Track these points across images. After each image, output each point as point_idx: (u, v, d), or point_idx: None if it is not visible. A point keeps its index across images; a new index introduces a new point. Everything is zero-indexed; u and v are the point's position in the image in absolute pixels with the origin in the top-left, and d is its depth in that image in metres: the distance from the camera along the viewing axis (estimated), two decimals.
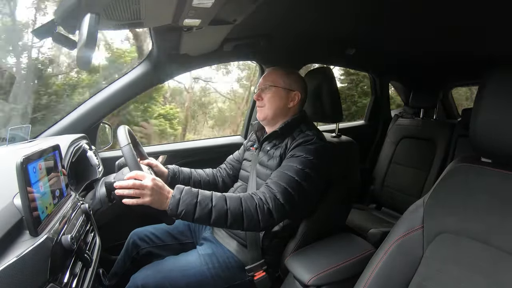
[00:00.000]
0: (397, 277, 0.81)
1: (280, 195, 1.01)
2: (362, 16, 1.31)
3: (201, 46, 1.47)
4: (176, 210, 0.94)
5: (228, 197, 1.00)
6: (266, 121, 1.25)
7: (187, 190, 0.97)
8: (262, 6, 0.97)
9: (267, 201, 1.00)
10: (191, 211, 0.95)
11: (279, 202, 1.01)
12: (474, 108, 0.76)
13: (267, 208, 1.00)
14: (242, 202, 0.99)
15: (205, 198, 0.97)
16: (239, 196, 1.01)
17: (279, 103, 1.21)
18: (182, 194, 0.96)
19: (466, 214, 0.75)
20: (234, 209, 0.97)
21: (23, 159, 0.61)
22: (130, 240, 1.33)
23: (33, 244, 0.60)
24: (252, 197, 1.01)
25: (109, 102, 1.49)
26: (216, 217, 0.96)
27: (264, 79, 1.25)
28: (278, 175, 1.06)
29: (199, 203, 0.95)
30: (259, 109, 1.25)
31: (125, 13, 0.86)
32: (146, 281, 1.08)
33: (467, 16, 1.20)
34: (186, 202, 0.95)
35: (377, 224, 2.04)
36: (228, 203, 0.98)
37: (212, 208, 0.96)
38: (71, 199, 0.89)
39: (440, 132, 2.21)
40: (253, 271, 1.16)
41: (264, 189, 1.04)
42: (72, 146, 1.16)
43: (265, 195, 1.02)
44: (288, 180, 1.04)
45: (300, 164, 1.06)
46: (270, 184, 1.05)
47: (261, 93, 1.24)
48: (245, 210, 0.98)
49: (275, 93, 1.21)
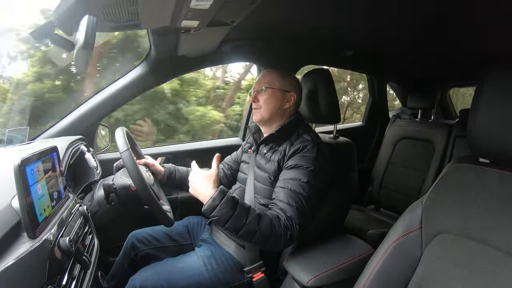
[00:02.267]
0: (396, 277, 0.82)
1: (298, 219, 1.03)
2: (360, 18, 1.31)
3: (199, 47, 1.47)
4: (210, 212, 0.97)
5: (262, 217, 1.00)
6: (262, 122, 1.25)
7: (229, 199, 0.98)
8: (260, 8, 0.98)
9: (289, 227, 1.02)
10: (223, 220, 0.97)
11: (297, 226, 1.03)
12: (472, 109, 0.77)
13: (289, 234, 1.01)
14: (272, 227, 1.00)
15: (241, 213, 0.98)
16: (270, 219, 1.01)
17: (275, 105, 1.21)
18: (222, 201, 0.97)
19: (464, 214, 0.75)
20: (263, 231, 0.98)
21: (21, 161, 0.61)
22: (128, 242, 1.32)
23: (31, 246, 0.59)
24: (279, 221, 1.02)
25: (106, 104, 1.49)
26: (244, 233, 0.98)
27: (259, 81, 1.25)
28: (288, 195, 1.06)
29: (235, 216, 0.97)
30: (255, 111, 1.24)
31: (123, 15, 0.86)
32: (145, 283, 1.07)
33: (465, 17, 1.20)
34: (223, 211, 0.96)
35: (375, 225, 2.04)
36: (260, 224, 0.98)
37: (244, 225, 0.97)
38: (69, 201, 0.88)
39: (438, 133, 2.22)
40: (251, 272, 1.16)
41: (282, 214, 1.03)
42: (70, 148, 1.16)
43: (287, 221, 1.02)
44: (299, 199, 1.05)
45: (305, 177, 1.08)
46: (285, 208, 1.04)
47: (257, 95, 1.23)
48: (272, 234, 0.99)
49: (271, 95, 1.21)
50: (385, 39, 1.68)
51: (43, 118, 2.31)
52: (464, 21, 1.26)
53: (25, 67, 2.71)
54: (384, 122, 2.66)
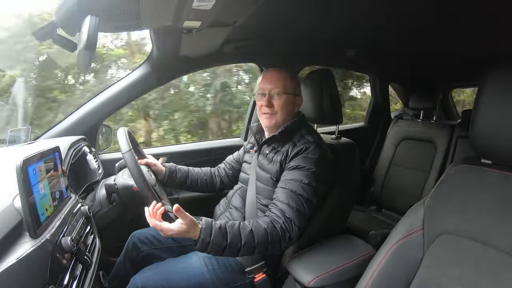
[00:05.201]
0: (397, 278, 0.81)
1: (297, 220, 1.03)
2: (362, 17, 1.31)
3: (201, 47, 1.47)
4: (205, 250, 0.95)
5: (255, 231, 0.99)
6: (275, 128, 1.20)
7: (217, 232, 0.95)
8: (262, 8, 0.98)
9: (287, 229, 1.02)
10: (219, 252, 0.97)
11: (297, 228, 1.03)
12: (474, 109, 0.76)
13: (288, 236, 1.02)
14: (268, 235, 0.99)
15: (235, 238, 0.96)
16: (265, 229, 1.00)
17: (290, 110, 1.19)
18: (212, 238, 0.94)
19: (466, 215, 0.75)
20: (261, 243, 0.98)
21: (23, 161, 0.62)
22: (130, 242, 1.32)
23: (33, 246, 0.60)
24: (274, 226, 1.01)
25: (109, 104, 1.50)
26: (243, 253, 0.99)
27: (272, 83, 1.18)
28: (288, 196, 1.06)
29: (229, 245, 0.96)
30: (268, 116, 1.18)
31: (125, 15, 0.87)
32: (146, 283, 1.08)
33: (466, 17, 1.20)
34: (216, 246, 0.95)
35: (377, 225, 2.04)
36: (256, 239, 0.98)
37: (241, 248, 0.97)
38: (71, 201, 0.89)
39: (440, 134, 2.21)
40: (253, 273, 1.16)
41: (280, 215, 1.03)
42: (72, 148, 1.16)
43: (285, 222, 1.02)
44: (299, 200, 1.05)
45: (306, 178, 1.07)
46: (284, 209, 1.04)
47: (270, 99, 1.18)
48: (271, 241, 1.00)
49: (286, 100, 1.17)
50: (387, 40, 1.67)
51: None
52: (466, 22, 1.25)
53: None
54: (386, 122, 2.66)
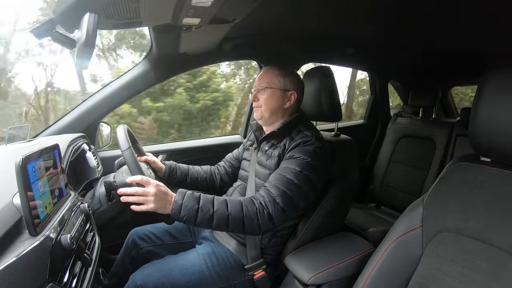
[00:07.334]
0: (396, 275, 0.82)
1: (280, 199, 1.02)
2: (362, 15, 1.31)
3: (200, 45, 1.47)
4: (178, 215, 0.96)
5: (229, 201, 1.01)
6: (263, 120, 1.25)
7: (189, 195, 0.98)
8: (262, 5, 0.97)
9: (267, 206, 1.01)
10: (193, 216, 0.96)
11: (279, 206, 1.02)
12: (473, 107, 0.76)
13: (267, 212, 1.01)
14: (243, 207, 1.00)
15: (207, 203, 0.98)
16: (240, 200, 1.02)
17: (275, 104, 1.21)
18: (184, 200, 0.97)
19: (465, 213, 0.75)
20: (235, 214, 0.98)
21: (23, 158, 0.61)
22: (129, 239, 1.33)
23: (33, 243, 0.60)
24: (252, 201, 1.02)
25: (108, 101, 1.49)
26: (217, 221, 0.98)
27: (259, 80, 1.24)
28: (276, 178, 1.07)
29: (201, 209, 0.97)
30: (256, 109, 1.25)
31: (125, 12, 0.86)
32: (146, 280, 1.08)
33: (466, 15, 1.20)
34: (188, 207, 0.96)
35: (376, 223, 2.04)
36: (229, 208, 0.99)
37: (214, 213, 0.97)
38: (70, 199, 0.88)
39: (439, 131, 2.21)
40: (252, 270, 1.16)
41: (263, 193, 1.04)
42: (71, 145, 1.16)
43: (265, 199, 1.02)
44: (287, 183, 1.05)
45: (299, 166, 1.07)
46: (269, 187, 1.05)
47: (257, 94, 1.23)
48: (246, 215, 0.99)
49: (271, 94, 1.21)
50: (387, 38, 1.67)
51: None
52: (465, 20, 1.25)
53: None
54: (385, 120, 2.66)
